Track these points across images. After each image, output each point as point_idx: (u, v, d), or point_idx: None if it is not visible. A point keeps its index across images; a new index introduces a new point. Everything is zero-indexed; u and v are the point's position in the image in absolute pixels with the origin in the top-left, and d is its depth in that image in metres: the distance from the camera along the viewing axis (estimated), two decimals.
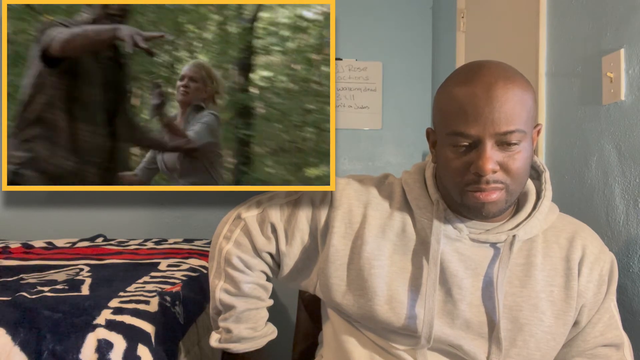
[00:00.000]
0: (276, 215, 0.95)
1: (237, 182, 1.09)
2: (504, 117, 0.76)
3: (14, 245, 2.04)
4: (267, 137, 1.04)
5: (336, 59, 2.37)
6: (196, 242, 2.16)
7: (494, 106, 0.76)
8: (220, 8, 1.03)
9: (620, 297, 0.98)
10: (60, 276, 1.54)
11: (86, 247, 2.08)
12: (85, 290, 1.38)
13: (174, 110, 1.13)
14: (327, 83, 0.95)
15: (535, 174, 0.93)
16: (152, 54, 0.92)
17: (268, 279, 1.01)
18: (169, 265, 1.72)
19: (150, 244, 2.15)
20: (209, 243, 1.18)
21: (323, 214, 0.92)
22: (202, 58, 1.08)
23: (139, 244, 2.15)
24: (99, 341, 1.12)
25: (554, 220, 0.90)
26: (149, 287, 1.41)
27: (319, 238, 0.93)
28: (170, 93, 1.10)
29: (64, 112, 0.92)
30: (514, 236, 0.85)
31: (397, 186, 0.93)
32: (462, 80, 0.79)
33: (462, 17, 2.05)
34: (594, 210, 1.17)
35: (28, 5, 0.91)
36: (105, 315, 1.18)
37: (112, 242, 2.18)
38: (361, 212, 0.91)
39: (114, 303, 1.24)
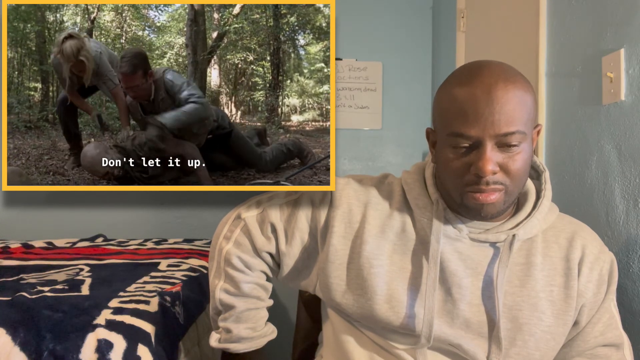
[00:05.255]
0: (276, 215, 0.95)
1: None
2: (504, 118, 0.76)
3: (14, 245, 2.04)
4: None
5: (336, 59, 2.37)
6: (196, 242, 2.16)
7: (494, 107, 0.76)
8: None
9: (620, 297, 0.98)
10: (60, 276, 1.54)
11: (86, 247, 2.08)
12: (85, 290, 1.38)
13: None
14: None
15: (535, 174, 0.93)
16: None
17: (268, 279, 1.01)
18: (169, 265, 1.72)
19: (150, 244, 2.15)
20: (209, 243, 1.18)
21: (323, 214, 0.92)
22: None
23: (139, 244, 2.15)
24: (99, 341, 1.12)
25: (554, 220, 0.90)
26: (149, 287, 1.41)
27: (318, 238, 0.93)
28: None
29: None
30: (513, 236, 0.85)
31: (397, 186, 0.93)
32: (462, 81, 0.79)
33: (462, 17, 2.04)
34: (594, 210, 1.17)
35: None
36: (105, 315, 1.17)
37: (112, 242, 2.18)
38: (361, 212, 0.91)
39: (114, 303, 1.24)
